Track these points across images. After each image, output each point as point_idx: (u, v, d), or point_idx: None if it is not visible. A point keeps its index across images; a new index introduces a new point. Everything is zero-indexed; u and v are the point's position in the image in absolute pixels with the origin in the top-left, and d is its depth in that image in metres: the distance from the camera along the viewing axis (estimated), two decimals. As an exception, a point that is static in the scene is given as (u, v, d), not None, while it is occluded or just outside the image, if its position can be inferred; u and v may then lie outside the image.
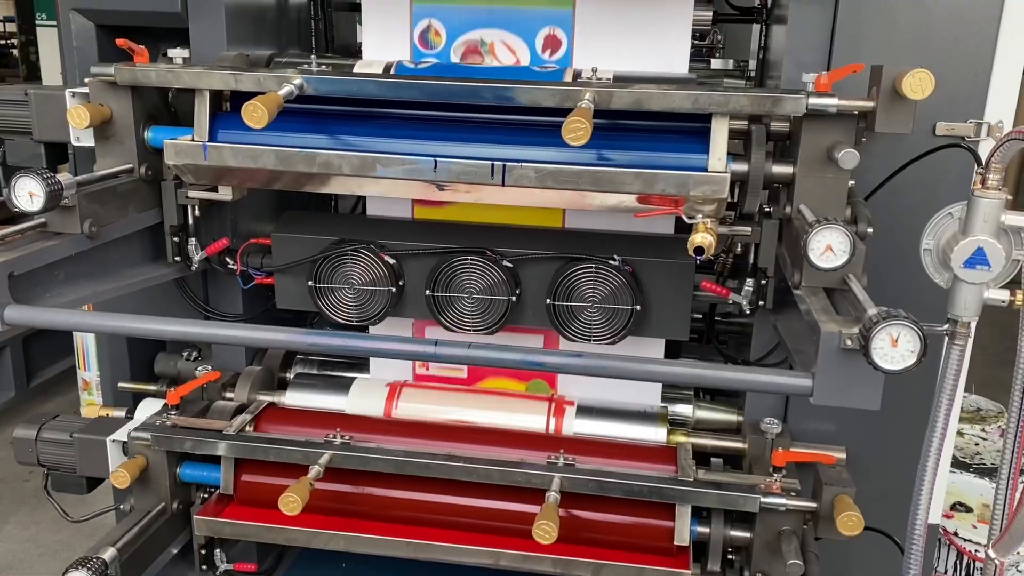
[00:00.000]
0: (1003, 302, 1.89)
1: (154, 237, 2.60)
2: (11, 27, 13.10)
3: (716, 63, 3.90)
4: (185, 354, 3.07)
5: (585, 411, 2.76)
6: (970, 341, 1.96)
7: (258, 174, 2.36)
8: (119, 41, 2.41)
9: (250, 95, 2.10)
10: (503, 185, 2.22)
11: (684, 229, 2.28)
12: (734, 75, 3.54)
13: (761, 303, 2.46)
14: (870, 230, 2.18)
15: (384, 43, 2.76)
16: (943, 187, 2.48)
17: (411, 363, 2.92)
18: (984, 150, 2.43)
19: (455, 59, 2.72)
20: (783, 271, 2.33)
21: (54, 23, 7.50)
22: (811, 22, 2.45)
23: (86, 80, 2.45)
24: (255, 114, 2.00)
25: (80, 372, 4.52)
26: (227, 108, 2.46)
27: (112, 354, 3.21)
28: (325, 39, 3.25)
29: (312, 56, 2.58)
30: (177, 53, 2.54)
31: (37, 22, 8.46)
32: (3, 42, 13.70)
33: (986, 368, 4.82)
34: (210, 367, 2.92)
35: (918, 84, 1.95)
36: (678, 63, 2.64)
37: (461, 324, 2.61)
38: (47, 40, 8.27)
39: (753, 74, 3.09)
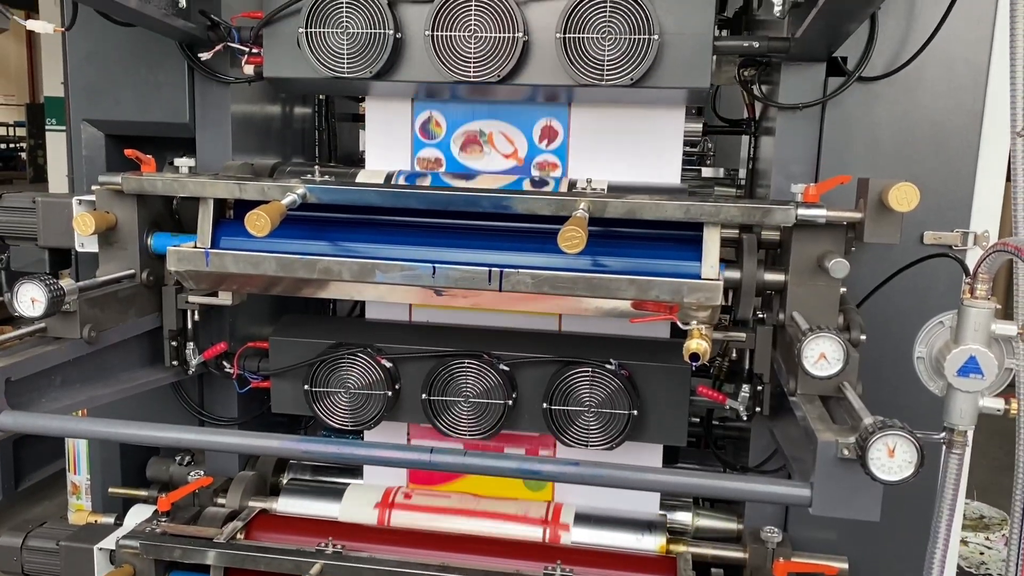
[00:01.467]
0: (999, 411, 1.88)
1: (152, 341, 2.61)
2: (20, 131, 13.47)
3: (707, 171, 4.00)
4: (178, 459, 3.04)
5: (583, 519, 2.72)
6: (968, 450, 1.95)
7: (258, 279, 2.39)
8: (127, 152, 2.48)
9: (254, 203, 2.16)
10: (500, 291, 2.25)
11: (679, 333, 2.30)
12: (724, 183, 3.64)
13: (758, 409, 2.45)
14: (863, 337, 2.20)
15: (386, 152, 2.84)
16: (933, 294, 2.53)
17: (406, 468, 2.89)
18: (972, 258, 2.48)
19: (455, 149, 2.79)
20: (778, 377, 2.34)
21: (63, 128, 7.70)
22: (798, 135, 2.54)
23: (93, 188, 2.51)
24: (258, 223, 2.04)
25: (70, 475, 4.43)
26: (230, 215, 2.51)
27: (104, 458, 3.18)
28: (328, 148, 3.35)
29: (316, 166, 2.65)
30: (183, 162, 2.61)
31: (47, 127, 8.67)
32: (12, 145, 14.03)
33: (987, 474, 4.76)
34: (203, 472, 2.89)
35: (903, 197, 2.01)
36: (670, 173, 2.71)
37: (457, 429, 2.60)
38: (55, 144, 8.44)
39: (743, 182, 3.17)
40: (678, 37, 2.37)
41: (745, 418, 2.50)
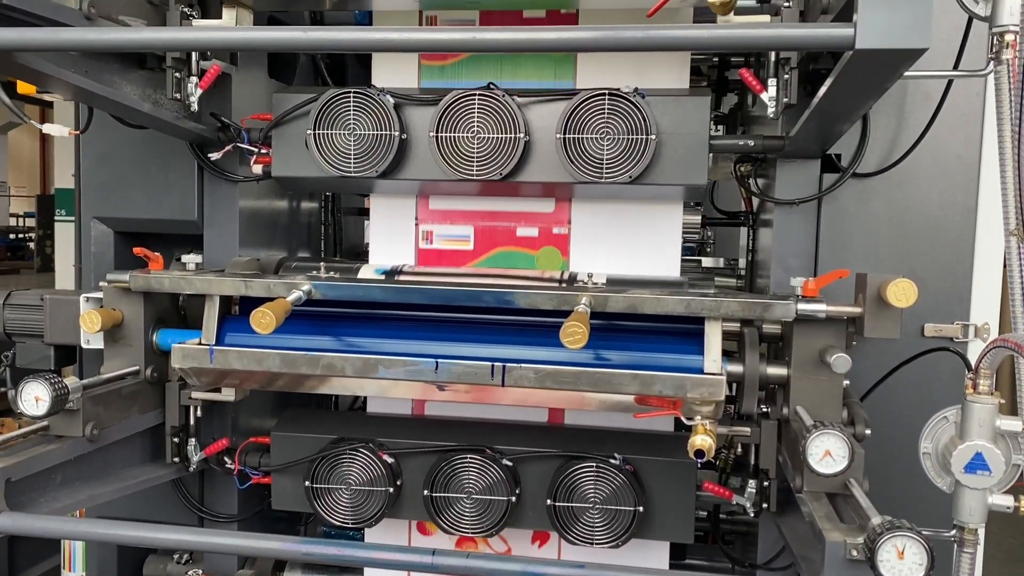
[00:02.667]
0: (1008, 508, 1.86)
1: (153, 437, 2.60)
2: (30, 221, 13.71)
3: (707, 261, 4.04)
4: (176, 556, 2.98)
5: (588, 619, 2.65)
6: (980, 548, 1.92)
7: (261, 375, 2.40)
8: (136, 250, 2.51)
9: (260, 300, 2.18)
10: (503, 386, 2.25)
11: (684, 425, 2.29)
12: (725, 273, 3.67)
13: (765, 505, 2.42)
14: (868, 431, 2.19)
15: (390, 247, 2.88)
16: (937, 385, 2.53)
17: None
18: (973, 350, 2.49)
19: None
20: (784, 472, 2.32)
21: (72, 219, 7.83)
22: (795, 228, 2.58)
23: (101, 284, 2.55)
24: (263, 320, 2.06)
25: (65, 573, 4.34)
26: (236, 311, 2.54)
27: (100, 556, 3.11)
28: (334, 242, 3.40)
29: (321, 262, 2.68)
30: (190, 259, 2.64)
31: (56, 217, 8.81)
32: (21, 236, 14.28)
33: (1004, 567, 4.64)
34: (201, 571, 2.84)
35: (902, 293, 2.03)
36: (670, 265, 2.75)
37: (460, 526, 2.56)
38: (64, 235, 8.55)
39: (744, 272, 3.20)
40: (675, 136, 2.43)
41: (752, 514, 2.47)
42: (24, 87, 2.35)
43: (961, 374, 2.46)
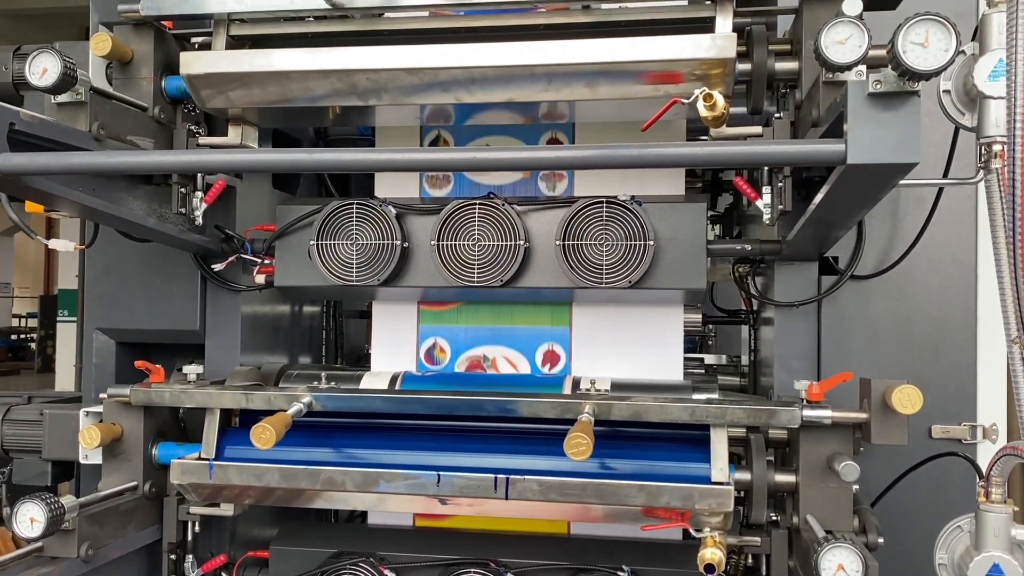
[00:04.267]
0: (1031, 623, 1.80)
1: (149, 554, 2.54)
2: (32, 322, 13.75)
3: (710, 358, 4.03)
4: None
5: None
6: (1004, 665, 1.84)
7: (261, 489, 2.36)
8: (137, 363, 2.51)
9: (261, 411, 2.16)
10: (507, 499, 2.21)
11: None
12: (728, 371, 3.65)
13: (779, 621, 2.34)
14: (880, 540, 2.14)
15: (392, 354, 2.88)
16: (948, 487, 2.49)
17: None
18: (981, 451, 2.46)
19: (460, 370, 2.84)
20: (797, 585, 2.25)
21: (74, 319, 7.86)
22: (796, 330, 2.58)
23: (101, 397, 2.53)
24: (263, 436, 2.04)
25: None
26: (236, 423, 2.52)
27: None
28: (335, 347, 3.39)
29: (322, 372, 2.66)
30: (191, 369, 2.63)
31: (58, 318, 8.84)
32: (23, 336, 14.28)
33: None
34: None
35: (907, 399, 2.01)
36: (672, 368, 2.74)
37: (465, 645, 2.47)
38: (65, 334, 8.58)
39: (747, 370, 3.18)
40: (673, 242, 2.46)
41: (767, 630, 2.38)
42: (32, 206, 2.39)
43: (972, 474, 2.42)
